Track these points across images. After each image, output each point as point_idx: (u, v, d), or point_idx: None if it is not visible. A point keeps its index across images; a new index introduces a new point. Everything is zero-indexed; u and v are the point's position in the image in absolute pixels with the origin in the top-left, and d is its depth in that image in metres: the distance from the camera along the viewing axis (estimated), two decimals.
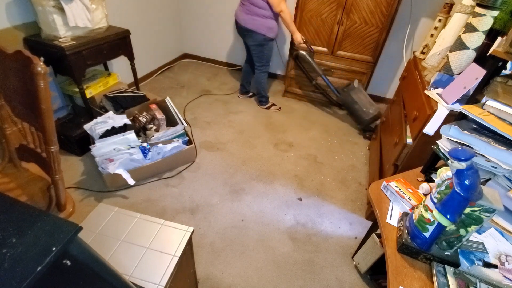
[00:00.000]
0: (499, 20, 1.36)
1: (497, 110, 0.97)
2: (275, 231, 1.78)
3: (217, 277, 1.51)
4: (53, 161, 0.93)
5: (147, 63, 3.26)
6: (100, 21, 2.08)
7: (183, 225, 1.14)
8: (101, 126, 1.92)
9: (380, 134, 2.28)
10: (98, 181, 1.96)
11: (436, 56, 1.78)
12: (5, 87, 0.96)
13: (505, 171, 0.92)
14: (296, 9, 2.65)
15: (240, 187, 2.06)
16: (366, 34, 2.57)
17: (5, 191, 1.06)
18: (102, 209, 1.18)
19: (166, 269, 0.98)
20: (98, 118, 1.97)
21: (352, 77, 2.84)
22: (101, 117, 1.98)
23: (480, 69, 1.29)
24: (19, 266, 0.42)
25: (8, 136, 1.12)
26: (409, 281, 0.89)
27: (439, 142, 1.07)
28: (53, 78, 2.08)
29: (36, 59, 0.78)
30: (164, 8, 3.26)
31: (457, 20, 1.66)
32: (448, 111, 1.38)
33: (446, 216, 0.81)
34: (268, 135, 2.62)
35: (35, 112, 0.85)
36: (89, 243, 0.72)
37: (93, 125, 1.92)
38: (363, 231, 1.79)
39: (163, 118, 2.19)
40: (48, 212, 0.73)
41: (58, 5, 1.80)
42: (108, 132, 1.92)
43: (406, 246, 0.95)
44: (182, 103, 2.94)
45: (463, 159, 0.76)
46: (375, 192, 1.22)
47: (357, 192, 2.12)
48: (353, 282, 1.55)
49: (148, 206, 1.85)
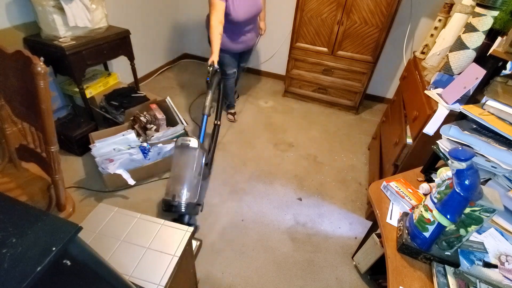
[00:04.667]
0: (499, 20, 1.36)
1: (497, 110, 0.97)
2: (275, 231, 1.78)
3: (217, 277, 1.51)
4: (53, 161, 0.93)
5: (147, 63, 3.26)
6: (100, 21, 2.08)
7: (183, 225, 1.14)
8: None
9: (380, 134, 2.27)
10: (98, 181, 1.96)
11: (436, 56, 1.78)
12: (5, 87, 0.96)
13: (505, 171, 0.92)
14: (296, 9, 2.65)
15: (240, 187, 2.06)
16: (366, 34, 2.57)
17: (5, 191, 1.06)
18: (102, 209, 1.18)
19: (166, 269, 0.98)
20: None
21: (353, 77, 2.84)
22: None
23: (480, 69, 1.29)
24: (19, 266, 0.42)
25: (8, 136, 1.12)
26: (409, 281, 0.89)
27: (439, 142, 1.07)
28: (53, 78, 2.09)
29: (36, 59, 0.78)
30: (164, 8, 3.26)
31: (457, 20, 1.66)
32: (448, 111, 1.37)
33: (446, 216, 0.81)
34: (268, 135, 2.62)
35: (35, 112, 0.85)
36: (89, 243, 0.72)
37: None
38: (363, 231, 1.79)
39: (163, 118, 2.19)
40: (48, 212, 0.73)
41: (58, 5, 1.80)
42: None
43: (406, 246, 0.95)
44: (182, 103, 2.94)
45: (463, 159, 0.76)
46: (375, 192, 1.22)
47: (357, 192, 2.12)
48: (353, 282, 1.55)
49: (148, 206, 1.85)
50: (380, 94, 3.33)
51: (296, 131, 2.71)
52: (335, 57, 2.79)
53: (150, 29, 3.13)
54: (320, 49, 2.79)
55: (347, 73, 2.84)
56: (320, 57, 2.83)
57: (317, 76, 2.96)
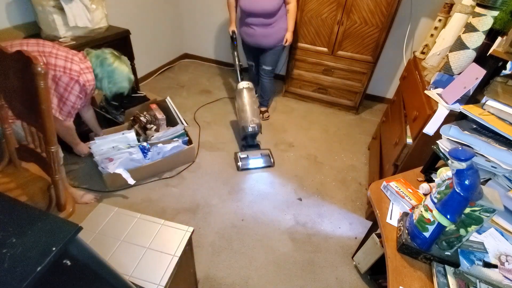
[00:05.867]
0: (499, 20, 1.36)
1: (497, 110, 0.97)
2: (275, 231, 1.78)
3: (217, 277, 1.51)
4: (53, 161, 0.93)
5: (147, 63, 3.26)
6: (100, 21, 2.08)
7: (183, 225, 1.14)
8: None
9: (380, 134, 2.27)
10: (98, 181, 1.96)
11: (436, 56, 1.78)
12: (5, 87, 0.96)
13: (505, 171, 0.92)
14: (296, 9, 2.65)
15: (240, 187, 2.06)
16: (366, 34, 2.57)
17: (5, 191, 1.06)
18: (102, 209, 1.18)
19: (166, 269, 0.98)
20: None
21: (353, 77, 2.84)
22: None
23: (480, 69, 1.29)
24: (19, 266, 0.42)
25: (8, 136, 1.12)
26: (409, 281, 0.89)
27: (439, 142, 1.07)
28: None
29: (36, 59, 0.78)
30: (164, 8, 3.25)
31: (457, 20, 1.66)
32: (448, 111, 1.37)
33: (446, 216, 0.81)
34: (268, 135, 2.62)
35: (35, 112, 0.85)
36: (89, 243, 0.72)
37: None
38: (363, 231, 1.79)
39: (164, 118, 2.19)
40: (48, 212, 0.73)
41: (58, 5, 1.80)
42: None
43: (406, 246, 0.95)
44: (182, 103, 2.94)
45: (463, 159, 0.76)
46: (375, 192, 1.22)
47: (357, 192, 2.12)
48: (353, 282, 1.55)
49: (148, 206, 1.85)
50: (380, 94, 3.33)
51: (296, 131, 2.71)
52: (335, 57, 2.79)
53: (150, 29, 3.13)
54: (320, 49, 2.79)
55: (347, 73, 2.84)
56: (320, 57, 2.83)
57: (317, 76, 2.96)
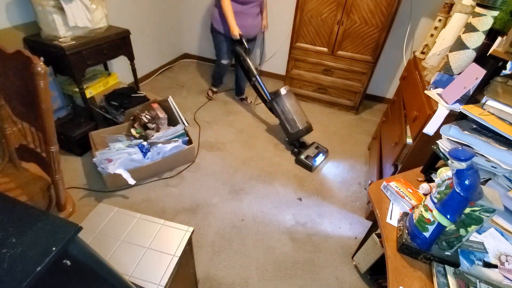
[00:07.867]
0: (499, 20, 1.36)
1: (497, 110, 0.97)
2: (275, 231, 1.78)
3: (217, 277, 1.51)
4: (53, 161, 0.93)
5: (147, 63, 3.26)
6: (100, 21, 2.08)
7: (183, 225, 1.14)
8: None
9: (380, 134, 2.27)
10: (98, 181, 1.96)
11: (436, 56, 1.78)
12: (5, 87, 0.96)
13: (505, 171, 0.92)
14: (296, 9, 2.65)
15: (240, 187, 2.06)
16: (366, 34, 2.57)
17: (5, 191, 1.06)
18: (102, 209, 1.18)
19: (166, 269, 0.98)
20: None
21: (353, 77, 2.84)
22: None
23: (480, 69, 1.29)
24: (19, 266, 0.42)
25: (8, 136, 1.12)
26: (409, 281, 0.89)
27: (439, 142, 1.07)
28: (53, 78, 2.08)
29: (36, 59, 0.78)
30: (164, 8, 3.25)
31: (457, 20, 1.66)
32: (448, 111, 1.37)
33: (446, 216, 0.81)
34: (268, 135, 2.62)
35: (35, 112, 0.85)
36: (89, 243, 0.72)
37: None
38: (363, 231, 1.79)
39: (165, 117, 2.19)
40: (48, 212, 0.73)
41: (58, 5, 1.80)
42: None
43: (406, 246, 0.95)
44: (182, 103, 2.94)
45: (463, 159, 0.76)
46: (375, 192, 1.22)
47: (357, 192, 2.12)
48: (353, 282, 1.55)
49: (148, 206, 1.85)
50: (380, 94, 3.33)
51: None
52: (335, 57, 2.79)
53: (150, 29, 3.13)
54: (320, 49, 2.79)
55: (347, 73, 2.84)
56: (320, 57, 2.83)
57: (317, 76, 2.96)
